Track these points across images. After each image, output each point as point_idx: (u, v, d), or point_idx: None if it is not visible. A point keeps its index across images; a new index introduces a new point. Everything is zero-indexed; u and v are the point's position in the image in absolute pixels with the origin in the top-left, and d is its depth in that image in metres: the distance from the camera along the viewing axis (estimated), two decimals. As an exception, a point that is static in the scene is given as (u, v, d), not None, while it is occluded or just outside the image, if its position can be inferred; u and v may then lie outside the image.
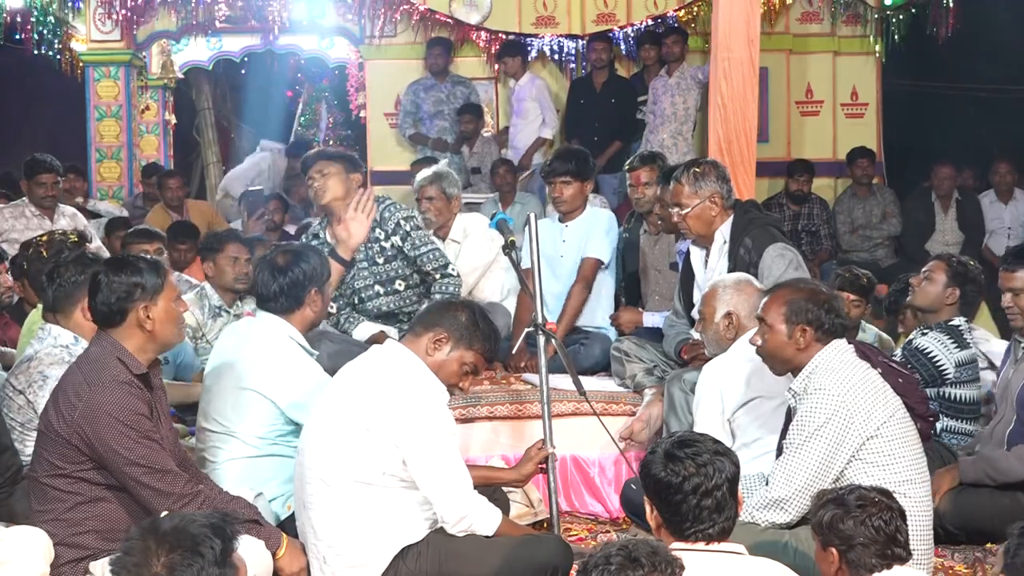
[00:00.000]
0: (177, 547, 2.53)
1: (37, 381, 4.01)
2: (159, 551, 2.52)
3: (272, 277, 4.25)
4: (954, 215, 9.10)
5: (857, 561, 3.04)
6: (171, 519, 2.61)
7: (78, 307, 4.11)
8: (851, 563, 3.05)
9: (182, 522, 2.59)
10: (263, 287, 4.28)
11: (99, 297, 3.52)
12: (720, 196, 4.90)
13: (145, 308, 3.50)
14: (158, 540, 2.54)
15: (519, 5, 9.48)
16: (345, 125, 13.06)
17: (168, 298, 3.56)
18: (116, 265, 3.58)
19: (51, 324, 4.18)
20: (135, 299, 3.49)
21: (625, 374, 5.27)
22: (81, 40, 9.96)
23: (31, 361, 4.09)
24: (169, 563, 2.51)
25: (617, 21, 9.47)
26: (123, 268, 3.54)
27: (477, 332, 3.79)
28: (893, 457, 3.63)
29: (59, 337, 4.13)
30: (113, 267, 3.56)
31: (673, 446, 2.91)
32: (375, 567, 3.62)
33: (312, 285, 4.26)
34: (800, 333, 3.75)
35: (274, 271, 4.25)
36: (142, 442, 3.38)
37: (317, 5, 9.68)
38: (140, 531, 2.58)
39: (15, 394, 4.06)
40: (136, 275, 3.50)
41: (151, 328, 3.51)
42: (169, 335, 3.59)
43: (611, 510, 5.09)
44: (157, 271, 3.56)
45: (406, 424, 3.59)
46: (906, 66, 10.83)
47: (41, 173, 7.05)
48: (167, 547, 2.53)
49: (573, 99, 9.28)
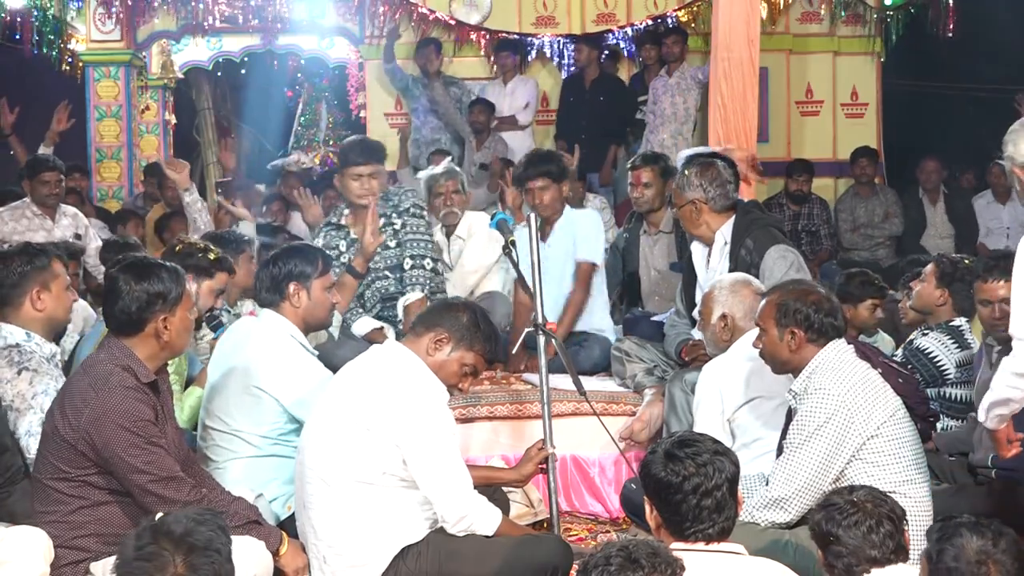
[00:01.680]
0: (195, 548, 2.54)
1: None
2: (176, 553, 2.53)
3: (259, 270, 4.43)
4: (943, 208, 9.14)
5: (851, 563, 3.03)
6: (175, 521, 2.61)
7: (27, 298, 3.94)
8: (846, 565, 3.04)
9: (190, 523, 2.59)
10: (259, 283, 4.38)
11: (118, 305, 3.43)
12: (704, 201, 4.90)
13: (164, 320, 3.44)
14: (175, 542, 2.54)
15: (519, 5, 9.47)
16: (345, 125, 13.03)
17: (185, 308, 3.51)
18: (137, 271, 3.46)
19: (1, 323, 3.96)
20: (155, 310, 3.43)
21: (625, 374, 5.27)
22: (81, 40, 9.95)
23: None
24: (189, 564, 2.52)
25: (617, 21, 9.47)
26: (145, 275, 3.44)
27: (478, 333, 3.79)
28: (893, 457, 3.63)
29: (9, 336, 3.91)
30: (134, 273, 3.45)
31: (673, 446, 2.91)
32: (375, 567, 3.62)
33: (291, 280, 4.26)
34: (790, 335, 3.76)
35: (261, 267, 4.43)
36: (148, 448, 3.36)
37: (317, 5, 9.66)
38: (149, 534, 2.57)
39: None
40: (158, 284, 3.43)
41: (167, 339, 3.46)
42: (182, 345, 3.57)
43: (611, 510, 5.10)
44: (178, 279, 3.49)
45: (406, 424, 3.59)
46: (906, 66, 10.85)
47: (44, 171, 7.02)
48: (185, 548, 2.54)
49: (564, 97, 9.30)
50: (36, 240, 6.67)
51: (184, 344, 3.61)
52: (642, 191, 5.83)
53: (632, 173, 5.92)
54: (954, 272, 5.10)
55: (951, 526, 2.80)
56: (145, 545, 2.55)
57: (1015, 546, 2.78)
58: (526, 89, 9.24)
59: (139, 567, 2.52)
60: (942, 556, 2.75)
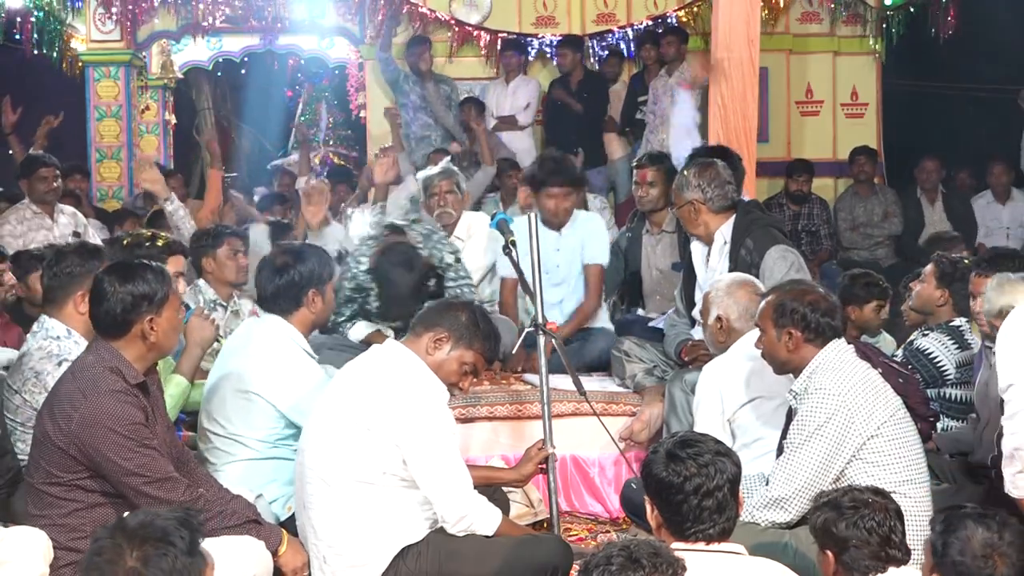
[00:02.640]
0: (148, 539, 2.52)
1: (31, 379, 3.97)
2: (130, 546, 2.52)
3: (270, 278, 4.25)
4: (941, 207, 9.14)
5: (852, 564, 3.03)
6: (136, 516, 2.60)
7: (71, 299, 4.02)
8: (846, 565, 3.04)
9: (148, 517, 2.59)
10: (262, 287, 4.29)
11: (103, 307, 3.41)
12: (702, 202, 4.91)
13: (151, 321, 3.43)
14: (128, 535, 2.53)
15: (519, 5, 9.47)
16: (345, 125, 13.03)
17: (172, 307, 3.49)
18: (122, 273, 3.45)
19: (45, 316, 4.09)
20: (141, 312, 3.42)
21: (625, 374, 5.27)
22: (81, 40, 9.95)
23: (24, 357, 4.04)
24: (143, 556, 2.51)
25: (617, 21, 9.47)
26: (130, 277, 3.42)
27: (477, 332, 3.79)
28: (893, 457, 3.63)
29: (51, 329, 4.04)
30: (119, 275, 3.44)
31: (675, 446, 2.91)
32: (375, 567, 3.62)
33: (310, 286, 4.23)
34: (787, 336, 3.76)
35: (273, 271, 4.25)
36: (140, 451, 3.35)
37: (317, 5, 9.67)
38: (108, 531, 2.57)
39: (11, 394, 4.03)
40: (143, 285, 3.41)
41: (154, 340, 3.45)
42: (170, 345, 3.56)
43: (611, 510, 5.10)
44: (163, 279, 3.47)
45: (407, 423, 3.59)
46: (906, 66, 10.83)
47: (40, 168, 7.01)
48: (138, 540, 2.52)
49: (551, 98, 9.29)
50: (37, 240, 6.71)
51: (172, 344, 3.59)
52: (647, 190, 5.85)
53: (637, 172, 5.93)
54: (954, 272, 5.09)
55: (956, 516, 2.79)
56: (101, 539, 2.55)
57: (1020, 538, 2.78)
58: (527, 89, 9.25)
59: (94, 562, 2.52)
60: (947, 549, 2.74)
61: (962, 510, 2.82)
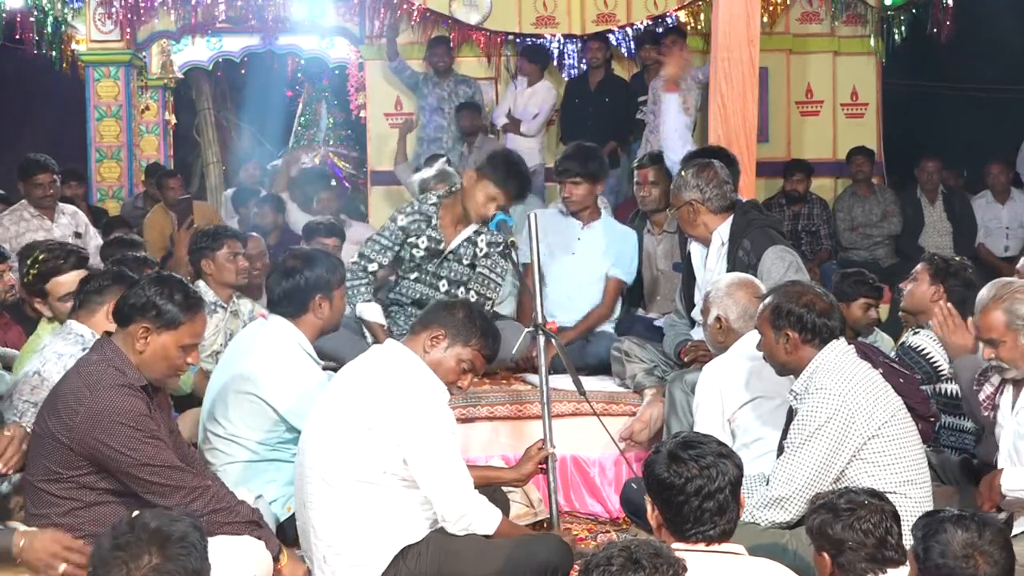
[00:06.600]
0: (170, 538, 2.55)
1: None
2: (151, 544, 2.54)
3: (278, 280, 4.28)
4: (941, 207, 9.14)
5: (848, 566, 3.02)
6: (152, 517, 2.62)
7: (103, 309, 4.04)
8: (842, 567, 3.03)
9: (166, 519, 2.61)
10: (271, 289, 4.32)
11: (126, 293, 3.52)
12: (700, 202, 4.91)
13: (145, 330, 3.45)
14: (150, 534, 2.55)
15: (519, 5, 9.45)
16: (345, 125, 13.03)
17: (176, 339, 3.47)
18: (160, 278, 3.55)
19: (72, 320, 4.11)
20: (144, 317, 3.45)
21: (625, 374, 5.27)
22: (81, 40, 9.94)
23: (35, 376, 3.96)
24: (164, 555, 2.53)
25: (617, 21, 9.45)
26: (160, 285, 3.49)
27: (474, 329, 3.79)
28: (894, 457, 3.63)
29: (76, 328, 4.06)
30: (156, 279, 3.54)
31: (677, 447, 2.91)
32: (375, 567, 3.63)
33: (317, 292, 4.23)
34: (784, 338, 3.76)
35: (281, 275, 4.28)
36: (149, 442, 3.37)
37: (317, 5, 9.66)
38: (128, 527, 2.58)
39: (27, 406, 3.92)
40: (160, 298, 3.45)
41: (141, 350, 3.46)
42: (153, 371, 3.49)
43: (611, 510, 5.10)
44: (187, 308, 3.48)
45: (407, 423, 3.59)
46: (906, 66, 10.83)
47: (37, 173, 6.97)
48: (160, 540, 2.54)
49: (568, 98, 9.26)
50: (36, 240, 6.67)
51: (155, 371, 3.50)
52: (649, 190, 5.85)
53: (638, 172, 5.93)
54: (947, 268, 5.09)
55: (934, 521, 2.79)
56: (122, 535, 2.56)
57: (1001, 535, 2.77)
58: (539, 99, 9.13)
59: (115, 556, 2.53)
60: (929, 553, 2.74)
61: (940, 514, 2.82)
